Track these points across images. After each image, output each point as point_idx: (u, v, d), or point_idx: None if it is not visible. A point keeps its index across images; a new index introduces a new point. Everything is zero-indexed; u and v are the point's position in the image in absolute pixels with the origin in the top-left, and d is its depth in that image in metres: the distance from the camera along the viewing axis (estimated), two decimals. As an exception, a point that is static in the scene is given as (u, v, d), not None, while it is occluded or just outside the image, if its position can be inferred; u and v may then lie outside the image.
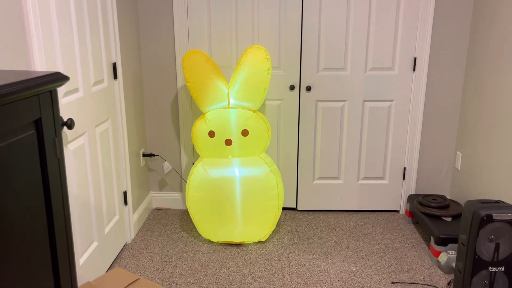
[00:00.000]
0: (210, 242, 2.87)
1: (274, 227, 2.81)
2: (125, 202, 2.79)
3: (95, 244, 2.34)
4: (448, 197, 3.23)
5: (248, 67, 2.62)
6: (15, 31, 1.63)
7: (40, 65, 1.77)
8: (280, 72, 3.06)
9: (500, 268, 2.10)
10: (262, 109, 3.13)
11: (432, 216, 2.78)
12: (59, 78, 1.13)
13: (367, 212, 3.30)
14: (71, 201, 2.08)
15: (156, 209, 3.37)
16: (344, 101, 3.09)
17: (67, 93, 2.02)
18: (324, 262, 2.63)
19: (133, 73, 2.94)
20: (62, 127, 1.90)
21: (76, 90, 2.11)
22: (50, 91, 1.14)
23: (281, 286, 2.40)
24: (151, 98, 3.16)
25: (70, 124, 1.81)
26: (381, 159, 3.20)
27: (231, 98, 2.68)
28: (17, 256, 1.06)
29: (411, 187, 3.23)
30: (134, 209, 2.99)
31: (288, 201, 3.31)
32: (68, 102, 2.02)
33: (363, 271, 2.55)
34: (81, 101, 2.16)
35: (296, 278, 2.48)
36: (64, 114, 1.99)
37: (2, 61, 1.56)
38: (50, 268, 1.21)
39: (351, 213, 3.30)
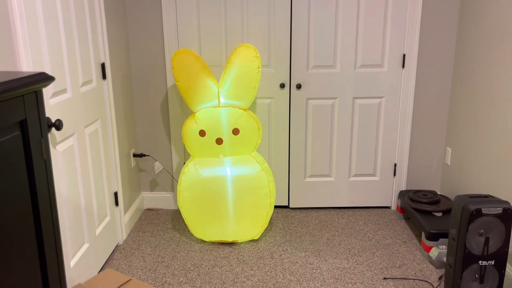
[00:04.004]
0: (202, 241, 2.86)
1: (266, 225, 2.81)
2: (116, 203, 2.77)
3: (86, 245, 2.33)
4: (438, 193, 3.25)
5: (238, 65, 2.62)
6: (1, 32, 1.61)
7: (27, 66, 1.75)
8: (270, 70, 3.06)
9: (490, 262, 2.12)
10: (252, 107, 3.13)
11: (423, 211, 2.80)
12: (44, 79, 1.12)
13: (359, 209, 3.32)
14: (61, 203, 2.06)
15: (147, 209, 3.36)
16: (334, 98, 3.10)
17: (55, 94, 2.00)
18: (316, 259, 2.64)
19: (122, 73, 2.92)
20: (50, 128, 1.89)
21: (64, 90, 2.09)
22: (35, 91, 1.13)
23: (274, 284, 2.41)
24: (141, 98, 3.15)
25: (58, 125, 1.80)
26: (371, 156, 3.21)
27: (221, 97, 2.68)
28: (4, 259, 1.04)
29: (402, 183, 3.24)
30: (125, 210, 2.97)
31: (280, 199, 3.31)
32: (56, 103, 2.00)
33: (355, 267, 2.56)
34: (70, 101, 2.14)
35: (288, 275, 2.48)
36: (52, 115, 1.98)
37: (-13, 62, 1.54)
38: (39, 271, 1.20)
39: (342, 210, 3.31)
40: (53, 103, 1.98)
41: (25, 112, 1.08)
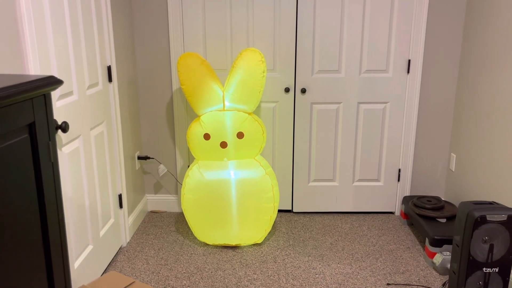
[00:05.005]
0: (206, 244, 2.87)
1: (269, 229, 2.81)
2: (120, 205, 2.78)
3: (90, 247, 2.34)
4: (442, 199, 3.24)
5: (243, 69, 2.63)
6: (9, 34, 1.63)
7: (34, 69, 1.77)
8: (275, 75, 3.06)
9: (494, 269, 2.11)
10: (257, 111, 3.14)
11: (427, 217, 2.79)
12: (53, 82, 1.13)
13: (362, 214, 3.31)
14: (66, 205, 2.07)
15: (151, 212, 3.36)
16: (339, 103, 3.10)
17: (61, 96, 2.01)
18: (319, 264, 2.64)
19: (128, 76, 2.94)
20: (57, 130, 1.90)
21: (70, 93, 2.11)
22: (44, 95, 1.14)
23: (276, 288, 2.41)
24: (146, 101, 3.16)
25: (64, 127, 1.81)
26: (376, 161, 3.21)
27: (226, 101, 2.69)
28: (11, 260, 1.05)
29: (406, 188, 3.24)
30: (129, 212, 2.98)
31: (284, 203, 3.31)
32: (62, 105, 2.02)
33: (358, 273, 2.55)
34: (76, 104, 2.16)
35: (291, 280, 2.48)
36: (59, 117, 1.99)
37: (-5, 65, 1.56)
38: (44, 272, 1.20)
39: (346, 215, 3.30)
40: (59, 106, 1.99)
41: (33, 115, 1.09)
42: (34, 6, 1.77)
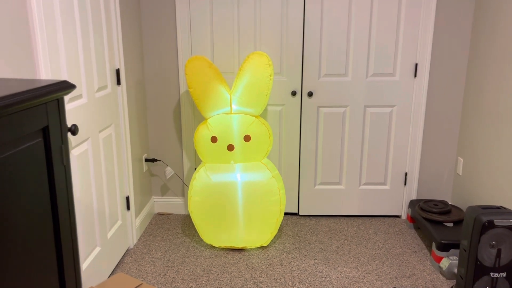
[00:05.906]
0: (212, 247, 2.88)
1: (276, 232, 2.82)
2: (128, 207, 2.80)
3: (98, 249, 2.35)
4: (449, 203, 3.24)
5: (250, 73, 2.64)
6: (21, 38, 1.65)
7: (45, 72, 1.79)
8: (282, 78, 3.07)
9: (501, 274, 2.11)
10: (264, 114, 3.15)
11: (433, 221, 2.79)
12: (66, 87, 1.15)
13: (369, 218, 3.31)
14: (75, 206, 2.09)
15: (158, 214, 3.38)
16: (346, 106, 3.11)
17: (71, 99, 2.03)
18: (325, 268, 2.64)
19: (136, 79, 2.96)
20: (66, 133, 1.92)
21: (80, 96, 2.13)
22: (57, 99, 1.15)
23: (283, 291, 2.41)
24: (154, 104, 3.18)
25: (74, 130, 1.83)
26: (382, 165, 3.21)
27: (233, 104, 2.70)
28: (24, 261, 1.07)
29: (412, 192, 3.23)
30: (137, 214, 3.00)
31: (290, 206, 3.32)
32: (72, 108, 2.04)
33: (364, 276, 2.55)
34: (85, 107, 2.18)
35: (297, 283, 2.48)
36: (68, 120, 2.01)
37: (8, 69, 1.58)
38: (56, 273, 1.22)
39: (352, 218, 3.30)
40: (69, 108, 2.01)
41: (47, 119, 1.10)
42: (45, 11, 1.79)
